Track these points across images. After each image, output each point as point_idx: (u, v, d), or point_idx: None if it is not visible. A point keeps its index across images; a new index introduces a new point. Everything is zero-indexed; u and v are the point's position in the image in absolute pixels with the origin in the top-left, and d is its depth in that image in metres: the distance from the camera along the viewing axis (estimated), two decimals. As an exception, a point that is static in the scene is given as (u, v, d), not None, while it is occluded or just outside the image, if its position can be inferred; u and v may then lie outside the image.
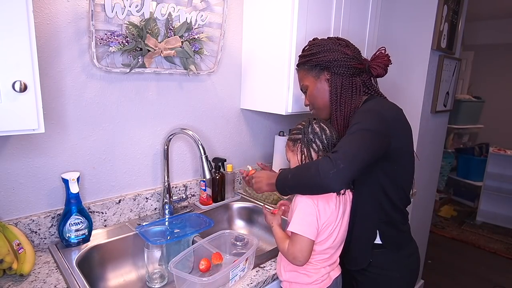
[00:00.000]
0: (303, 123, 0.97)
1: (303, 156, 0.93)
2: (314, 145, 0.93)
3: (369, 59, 1.04)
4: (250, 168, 1.17)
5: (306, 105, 1.13)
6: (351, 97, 1.00)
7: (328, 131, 0.94)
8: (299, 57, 1.10)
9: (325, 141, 0.93)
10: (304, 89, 1.10)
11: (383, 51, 1.02)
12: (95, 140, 1.15)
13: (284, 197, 1.20)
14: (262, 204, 1.29)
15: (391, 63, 1.03)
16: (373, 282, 1.03)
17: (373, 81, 1.06)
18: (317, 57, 1.02)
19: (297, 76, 1.13)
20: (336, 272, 1.00)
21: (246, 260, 0.93)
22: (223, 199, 1.49)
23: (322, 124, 0.95)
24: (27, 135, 1.00)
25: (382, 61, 1.01)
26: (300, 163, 0.93)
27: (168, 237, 1.08)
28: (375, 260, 1.01)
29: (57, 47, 1.02)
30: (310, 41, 1.10)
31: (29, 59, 0.72)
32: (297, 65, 1.12)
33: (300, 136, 0.95)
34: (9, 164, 0.99)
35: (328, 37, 1.07)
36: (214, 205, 1.44)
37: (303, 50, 1.09)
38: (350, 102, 1.00)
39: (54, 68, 1.02)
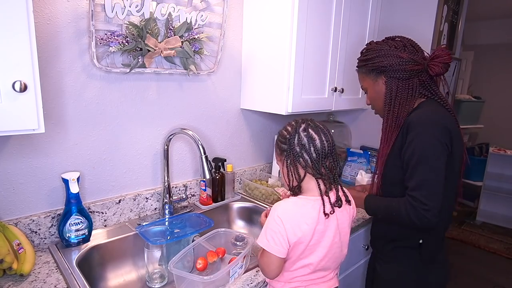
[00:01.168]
0: (288, 128, 0.85)
1: (290, 173, 0.84)
2: (301, 159, 0.81)
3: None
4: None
5: (368, 104, 1.17)
6: (406, 99, 1.01)
7: (317, 141, 0.80)
8: (358, 60, 1.12)
9: (314, 154, 0.80)
10: (364, 90, 1.15)
11: (443, 48, 1.00)
12: (95, 140, 1.15)
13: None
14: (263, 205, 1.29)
15: (452, 61, 1.00)
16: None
17: (435, 79, 1.04)
18: (373, 63, 1.04)
19: (358, 76, 1.16)
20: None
21: (244, 258, 0.94)
22: (223, 199, 1.49)
23: (311, 132, 0.82)
24: (27, 135, 1.00)
25: (441, 60, 0.98)
26: (287, 178, 0.85)
27: (168, 237, 1.08)
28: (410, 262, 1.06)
29: (57, 47, 1.02)
30: (367, 44, 1.11)
31: (29, 59, 0.72)
32: (357, 67, 1.14)
33: (286, 146, 0.83)
34: (9, 164, 0.99)
35: (386, 39, 1.07)
36: (214, 205, 1.44)
37: (361, 54, 1.11)
38: (405, 104, 1.01)
39: (54, 68, 1.02)
